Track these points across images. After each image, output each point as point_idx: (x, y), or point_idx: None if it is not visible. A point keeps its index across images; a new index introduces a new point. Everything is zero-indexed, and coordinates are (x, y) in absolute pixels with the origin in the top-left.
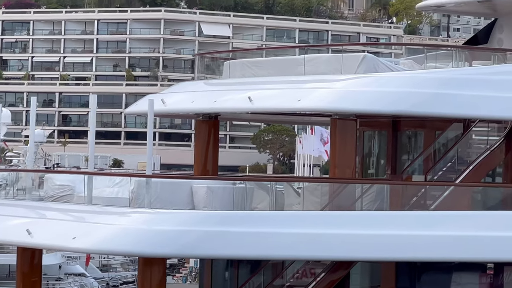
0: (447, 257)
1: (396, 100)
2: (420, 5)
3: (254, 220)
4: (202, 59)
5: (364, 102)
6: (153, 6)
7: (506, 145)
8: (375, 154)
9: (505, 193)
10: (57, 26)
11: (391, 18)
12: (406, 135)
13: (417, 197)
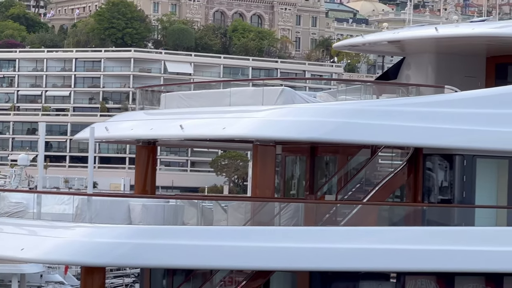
0: (355, 267)
1: (309, 129)
2: (336, 45)
3: (182, 233)
4: (142, 91)
5: (281, 130)
6: (124, 46)
7: (408, 168)
8: (296, 176)
9: (407, 210)
10: (39, 64)
11: (333, 57)
12: (323, 160)
13: (329, 214)
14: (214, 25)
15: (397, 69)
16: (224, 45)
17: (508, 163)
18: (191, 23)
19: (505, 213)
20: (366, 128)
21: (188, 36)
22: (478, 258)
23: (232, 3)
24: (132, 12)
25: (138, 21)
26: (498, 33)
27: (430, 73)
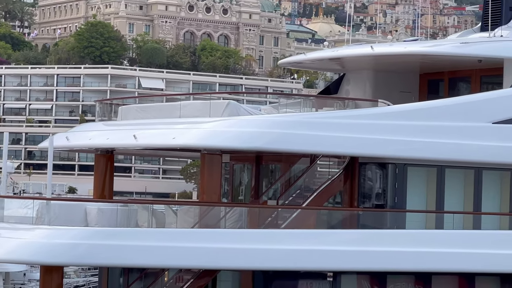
0: (294, 267)
1: (252, 139)
2: (281, 62)
3: (134, 235)
4: (102, 104)
5: (226, 140)
6: (102, 64)
7: (344, 175)
8: (244, 183)
9: (344, 214)
10: (24, 79)
11: (293, 74)
12: (267, 167)
13: (271, 218)
14: (184, 44)
15: (338, 85)
16: (194, 62)
17: (436, 171)
18: (163, 42)
19: (433, 217)
20: (305, 139)
21: (160, 54)
22: (408, 259)
23: (201, 24)
24: (109, 32)
25: (114, 41)
26: (428, 52)
27: (367, 88)
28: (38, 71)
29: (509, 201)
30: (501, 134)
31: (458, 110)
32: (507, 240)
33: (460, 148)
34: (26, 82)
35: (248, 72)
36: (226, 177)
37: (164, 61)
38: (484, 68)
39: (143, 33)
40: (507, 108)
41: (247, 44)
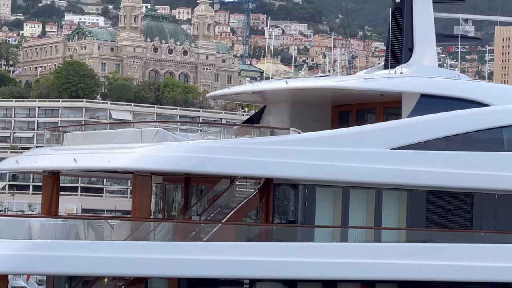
0: (215, 275)
1: (178, 162)
2: (209, 95)
3: (72, 247)
4: (49, 131)
5: (155, 163)
6: (78, 98)
7: (260, 195)
8: (176, 201)
9: (260, 229)
10: (9, 111)
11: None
12: (195, 187)
13: (195, 232)
14: (150, 81)
15: (260, 115)
16: (158, 97)
17: (342, 191)
18: (131, 79)
19: (339, 231)
20: (224, 162)
21: (128, 90)
22: (317, 268)
23: (164, 64)
24: (84, 71)
25: (89, 78)
26: (336, 86)
27: (286, 119)
28: (22, 104)
29: (406, 217)
30: (398, 158)
31: (360, 137)
32: (404, 251)
33: (362, 171)
34: (11, 114)
35: (205, 105)
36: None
37: (132, 96)
38: (386, 101)
39: (113, 72)
40: (403, 136)
41: (204, 81)
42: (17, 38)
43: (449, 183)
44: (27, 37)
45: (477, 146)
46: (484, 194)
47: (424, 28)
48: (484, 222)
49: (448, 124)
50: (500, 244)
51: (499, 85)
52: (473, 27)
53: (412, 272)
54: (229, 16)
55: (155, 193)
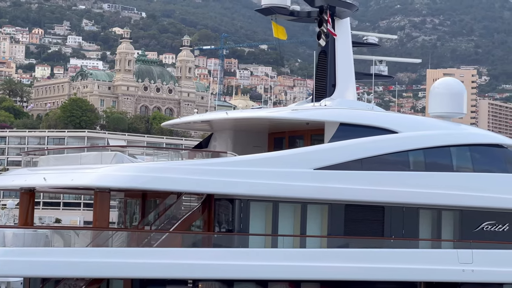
0: (162, 276)
1: (132, 180)
2: (164, 124)
3: (41, 253)
4: (26, 155)
5: (113, 181)
6: (80, 128)
7: (202, 208)
8: (137, 213)
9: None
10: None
11: None
12: (151, 201)
13: (147, 239)
14: (141, 115)
15: (208, 141)
16: (147, 128)
17: (272, 205)
18: (125, 113)
19: (270, 239)
20: (171, 180)
21: (123, 122)
22: (251, 270)
23: (152, 100)
24: (86, 106)
25: (90, 112)
26: (267, 116)
27: (229, 144)
28: (34, 134)
29: (327, 227)
30: (320, 177)
31: (287, 160)
32: (325, 255)
33: (289, 188)
34: (24, 142)
35: (187, 135)
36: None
37: (126, 127)
38: (312, 129)
39: (110, 107)
40: (325, 158)
41: (186, 115)
42: (29, 79)
43: (364, 198)
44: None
45: (387, 167)
46: (394, 207)
47: (345, 67)
48: (393, 230)
49: (362, 148)
50: (407, 249)
51: (406, 116)
52: (386, 67)
53: (333, 273)
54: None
55: (118, 207)
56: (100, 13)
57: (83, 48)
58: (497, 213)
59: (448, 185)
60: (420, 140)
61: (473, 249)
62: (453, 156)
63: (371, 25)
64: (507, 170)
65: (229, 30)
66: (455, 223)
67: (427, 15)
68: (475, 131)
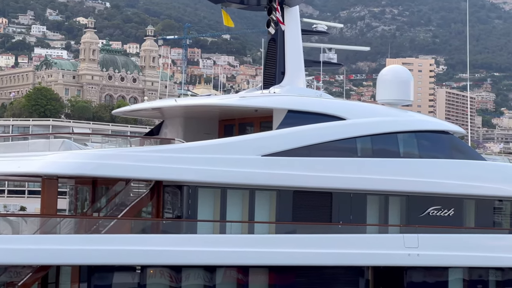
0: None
1: (79, 167)
2: (115, 111)
3: None
4: None
5: (60, 168)
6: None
7: (151, 194)
8: (88, 200)
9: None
10: None
11: None
12: (101, 188)
13: (96, 226)
14: (105, 103)
15: (159, 128)
16: (112, 117)
17: (220, 191)
18: (90, 102)
19: (218, 225)
20: (119, 167)
21: (88, 111)
22: (199, 256)
23: (117, 89)
24: (51, 95)
25: (54, 101)
26: (215, 103)
27: (180, 131)
28: None
29: (275, 212)
30: (268, 164)
31: (235, 146)
32: (273, 241)
33: (237, 174)
34: None
35: (150, 123)
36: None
37: (91, 115)
38: (262, 116)
39: (75, 96)
40: (272, 145)
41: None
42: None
43: (312, 184)
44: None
45: (335, 153)
46: (341, 193)
47: (294, 55)
48: (341, 216)
49: (310, 135)
50: (355, 234)
51: (353, 102)
52: (335, 54)
53: (281, 259)
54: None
55: (69, 194)
56: (64, 2)
57: (48, 37)
58: (443, 198)
59: (395, 171)
60: (367, 127)
61: (419, 233)
62: (400, 142)
63: (332, 15)
64: (453, 156)
65: (193, 20)
66: (401, 208)
67: (386, 6)
68: (421, 118)
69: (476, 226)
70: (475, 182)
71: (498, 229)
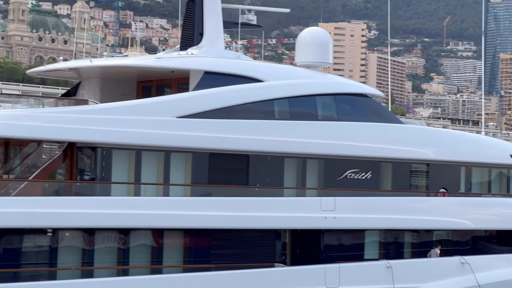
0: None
1: None
2: (30, 71)
3: None
4: None
5: None
6: None
7: (64, 156)
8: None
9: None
10: None
11: None
12: (14, 149)
13: (5, 188)
14: (35, 65)
15: (76, 89)
16: (42, 79)
17: (135, 153)
18: (20, 64)
19: (133, 187)
20: (31, 128)
21: (17, 72)
22: (112, 218)
23: (47, 51)
24: None
25: None
26: (133, 64)
27: (97, 93)
28: None
29: (191, 175)
30: (183, 125)
31: (150, 108)
32: (189, 204)
33: (152, 136)
34: None
35: None
36: None
37: (21, 77)
38: (179, 77)
39: (4, 57)
40: (187, 107)
41: None
42: None
43: (228, 146)
44: None
45: (252, 115)
46: (258, 155)
47: (212, 16)
48: (258, 179)
49: (226, 97)
50: (272, 197)
51: (271, 64)
52: (255, 16)
53: (196, 221)
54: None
55: None
56: None
57: None
58: (361, 162)
59: (312, 134)
60: (285, 89)
61: (336, 196)
62: (318, 105)
63: None
64: (371, 119)
65: None
66: (319, 171)
67: None
68: (340, 81)
69: (393, 189)
70: (392, 145)
71: (415, 192)
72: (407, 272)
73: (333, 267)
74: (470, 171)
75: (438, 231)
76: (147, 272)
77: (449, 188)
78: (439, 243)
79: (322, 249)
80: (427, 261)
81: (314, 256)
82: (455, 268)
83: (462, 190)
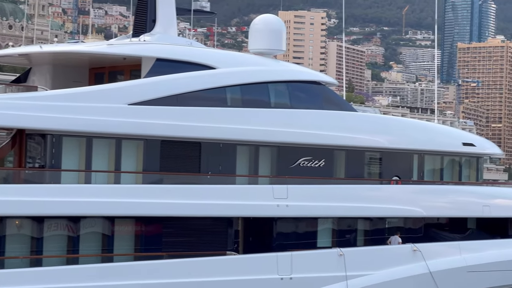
0: None
1: None
2: None
3: None
4: None
5: None
6: None
7: (12, 143)
8: None
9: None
10: None
11: None
12: None
13: None
14: None
15: (26, 76)
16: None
17: (86, 140)
18: None
19: (83, 175)
20: None
21: None
22: (62, 206)
23: (4, 38)
24: None
25: None
26: (83, 50)
27: (48, 79)
28: None
29: (142, 162)
30: (134, 113)
31: (101, 95)
32: (141, 192)
33: (103, 123)
34: None
35: None
36: None
37: None
38: (131, 64)
39: None
40: (138, 94)
41: None
42: None
43: (180, 134)
44: None
45: (204, 103)
46: (210, 143)
47: (165, 2)
48: (210, 166)
49: (178, 84)
50: (224, 185)
51: (224, 51)
52: (208, 3)
53: (148, 209)
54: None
55: None
56: None
57: None
58: (314, 149)
59: (265, 121)
60: (237, 76)
61: (289, 184)
62: (271, 92)
63: None
64: (324, 107)
65: None
66: (272, 159)
67: None
68: (294, 68)
69: (346, 177)
70: (346, 133)
71: (368, 180)
72: (359, 259)
73: (285, 255)
74: (423, 159)
75: (390, 218)
76: (98, 260)
77: (402, 176)
78: (398, 230)
79: (275, 237)
80: (379, 249)
81: (266, 244)
82: (407, 255)
83: (415, 178)
